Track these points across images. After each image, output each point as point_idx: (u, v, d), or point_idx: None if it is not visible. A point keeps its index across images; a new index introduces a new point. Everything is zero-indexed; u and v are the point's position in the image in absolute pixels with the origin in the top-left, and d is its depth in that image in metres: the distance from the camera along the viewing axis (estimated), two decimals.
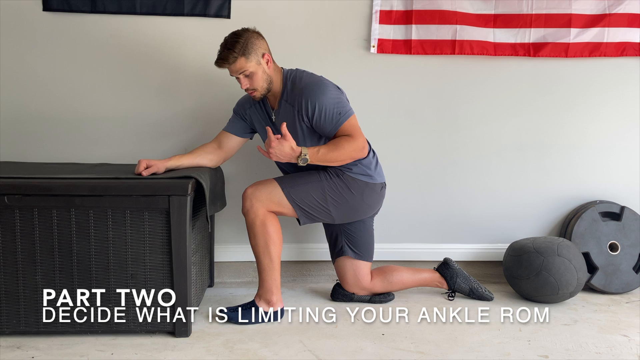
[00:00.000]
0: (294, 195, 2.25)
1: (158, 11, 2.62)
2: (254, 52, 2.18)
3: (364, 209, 2.38)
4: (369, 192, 2.35)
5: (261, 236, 2.23)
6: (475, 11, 2.71)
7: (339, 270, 2.51)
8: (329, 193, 2.28)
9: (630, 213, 2.76)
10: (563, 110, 2.82)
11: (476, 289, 2.54)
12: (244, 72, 2.18)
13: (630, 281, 2.71)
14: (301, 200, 2.26)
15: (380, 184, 2.39)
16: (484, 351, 2.03)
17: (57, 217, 2.00)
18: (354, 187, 2.31)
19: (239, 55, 2.15)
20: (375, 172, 2.36)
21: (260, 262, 2.26)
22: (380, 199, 2.42)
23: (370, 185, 2.34)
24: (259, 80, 2.21)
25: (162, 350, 1.99)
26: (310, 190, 2.27)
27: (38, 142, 2.65)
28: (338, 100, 2.23)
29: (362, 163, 2.31)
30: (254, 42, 2.18)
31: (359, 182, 2.32)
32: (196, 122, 2.70)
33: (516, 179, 2.84)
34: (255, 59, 2.18)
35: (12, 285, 2.02)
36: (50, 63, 2.62)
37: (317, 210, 2.30)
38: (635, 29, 2.74)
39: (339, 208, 2.32)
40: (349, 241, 2.46)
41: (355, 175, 2.31)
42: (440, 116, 2.79)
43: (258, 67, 2.19)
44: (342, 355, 1.97)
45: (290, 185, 2.26)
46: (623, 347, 2.09)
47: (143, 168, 2.17)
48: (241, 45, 2.15)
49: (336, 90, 2.28)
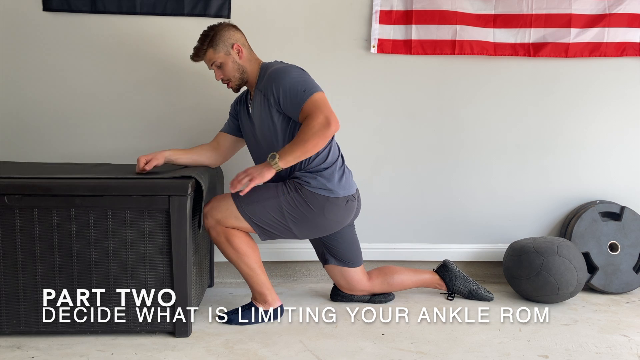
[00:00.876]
0: (249, 214, 2.16)
1: (158, 11, 2.62)
2: (222, 42, 2.22)
3: (329, 225, 2.26)
4: (331, 208, 2.20)
5: (230, 251, 2.20)
6: (475, 11, 2.71)
7: (330, 277, 2.51)
8: (287, 209, 2.17)
9: (630, 213, 2.76)
10: (563, 110, 2.82)
11: (475, 290, 2.54)
12: (214, 63, 2.24)
13: (630, 281, 2.71)
14: (258, 218, 2.17)
15: (344, 197, 2.23)
16: (484, 351, 2.03)
17: (57, 217, 2.00)
18: (313, 203, 2.18)
19: (207, 47, 2.22)
20: (339, 185, 2.22)
21: (240, 272, 2.25)
22: (348, 212, 2.27)
23: (331, 199, 2.19)
24: (230, 70, 2.25)
25: (162, 350, 1.99)
26: (267, 207, 2.16)
27: (38, 142, 2.65)
28: (302, 79, 2.16)
29: (322, 175, 2.19)
30: (223, 34, 2.22)
31: (319, 196, 2.18)
32: (196, 122, 2.70)
33: (516, 179, 2.84)
34: (223, 50, 2.22)
35: (12, 285, 2.02)
36: (50, 63, 2.62)
37: (275, 228, 2.20)
38: (635, 29, 2.74)
39: (299, 225, 2.20)
40: (329, 251, 2.43)
41: (314, 189, 2.17)
42: (440, 116, 2.79)
43: (227, 57, 2.23)
44: (342, 355, 1.97)
45: (245, 203, 2.15)
46: (623, 347, 2.09)
47: (143, 164, 2.18)
48: (209, 38, 2.22)
49: (301, 72, 2.20)
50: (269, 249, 2.71)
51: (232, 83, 2.29)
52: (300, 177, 2.20)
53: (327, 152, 2.23)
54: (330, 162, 2.23)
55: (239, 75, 2.27)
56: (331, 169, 2.22)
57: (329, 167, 2.22)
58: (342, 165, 2.29)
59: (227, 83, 2.29)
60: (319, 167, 2.21)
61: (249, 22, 2.64)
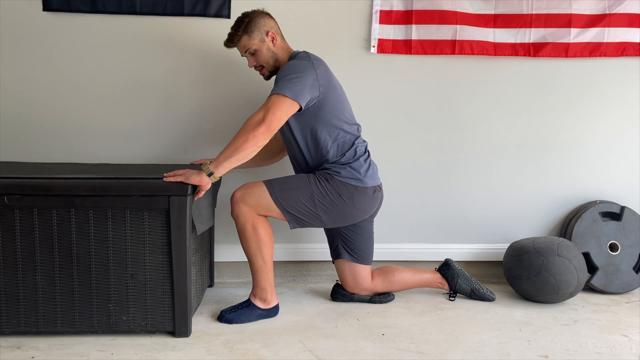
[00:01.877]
0: (282, 200, 2.21)
1: (158, 11, 2.62)
2: (257, 29, 2.26)
3: (357, 214, 2.33)
4: (360, 197, 2.29)
5: (253, 240, 2.22)
6: (476, 11, 2.71)
7: (338, 272, 2.51)
8: (318, 198, 2.24)
9: (630, 213, 2.76)
10: (563, 110, 2.82)
11: (478, 289, 2.54)
12: (249, 50, 2.27)
13: (630, 281, 2.71)
14: (290, 206, 2.22)
15: (372, 187, 2.32)
16: (484, 351, 2.03)
17: (57, 217, 2.00)
18: (344, 192, 2.26)
19: (242, 34, 2.25)
20: (367, 175, 2.30)
21: (253, 264, 2.26)
22: (374, 202, 2.36)
23: (360, 189, 2.28)
24: (264, 57, 2.28)
25: (162, 350, 1.99)
26: (299, 195, 2.22)
27: (38, 142, 2.65)
28: (289, 78, 2.14)
29: (351, 166, 2.27)
30: (258, 21, 2.26)
31: (349, 186, 2.26)
32: (196, 123, 2.70)
33: (516, 178, 2.84)
34: (258, 37, 2.26)
35: (12, 285, 2.03)
36: (50, 63, 2.62)
37: (306, 215, 2.25)
38: (635, 29, 2.74)
39: (329, 213, 2.27)
40: (346, 244, 2.45)
41: (344, 179, 2.26)
42: (440, 116, 2.79)
43: (262, 44, 2.27)
44: (342, 355, 1.97)
45: (279, 190, 2.22)
46: (623, 347, 2.09)
47: None
48: (245, 24, 2.25)
49: (301, 71, 2.16)
50: None
51: (265, 70, 2.32)
52: (330, 168, 2.28)
53: (354, 148, 2.30)
54: (358, 155, 2.31)
55: (273, 63, 2.31)
56: (359, 161, 2.30)
57: (358, 160, 2.30)
58: (368, 157, 2.36)
59: (259, 69, 2.33)
60: (348, 160, 2.29)
61: None
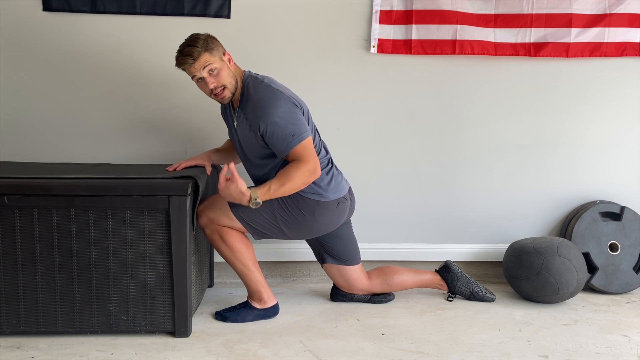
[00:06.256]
0: (242, 214, 2.17)
1: (158, 11, 2.62)
2: (216, 48, 2.12)
3: (321, 227, 2.28)
4: (321, 211, 2.22)
5: (224, 249, 2.22)
6: (476, 11, 2.71)
7: (329, 276, 2.50)
8: (279, 212, 2.20)
9: (630, 213, 2.76)
10: (563, 110, 2.82)
11: (476, 292, 2.54)
12: (209, 67, 2.09)
13: (630, 281, 2.71)
14: (251, 219, 2.18)
15: (335, 200, 2.24)
16: (484, 351, 2.03)
17: (57, 217, 2.00)
18: (304, 207, 2.20)
19: (202, 50, 2.08)
20: (329, 188, 2.22)
21: (235, 270, 2.27)
22: (339, 214, 2.28)
23: (322, 203, 2.21)
24: (226, 76, 2.13)
25: (162, 350, 1.99)
26: (260, 209, 2.15)
27: (38, 142, 2.65)
28: (291, 120, 2.11)
29: (313, 182, 2.18)
30: (214, 41, 2.13)
31: (309, 200, 2.19)
32: (196, 122, 2.70)
33: (516, 179, 2.84)
34: (218, 55, 2.12)
35: (12, 285, 2.03)
36: (50, 63, 2.62)
37: (268, 229, 2.23)
38: (635, 29, 2.74)
39: (291, 227, 2.23)
40: (327, 250, 2.43)
41: (304, 194, 2.18)
42: (441, 116, 2.79)
43: (222, 63, 2.13)
44: (342, 355, 1.97)
45: (239, 204, 2.14)
46: (623, 347, 2.09)
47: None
48: (202, 41, 2.09)
49: (290, 107, 2.13)
50: (269, 249, 2.72)
51: (226, 90, 2.14)
52: None
53: None
54: (320, 172, 2.18)
55: (235, 83, 2.16)
56: (321, 175, 2.19)
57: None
58: (330, 168, 2.28)
59: (220, 91, 2.14)
60: None
61: (249, 22, 2.65)
